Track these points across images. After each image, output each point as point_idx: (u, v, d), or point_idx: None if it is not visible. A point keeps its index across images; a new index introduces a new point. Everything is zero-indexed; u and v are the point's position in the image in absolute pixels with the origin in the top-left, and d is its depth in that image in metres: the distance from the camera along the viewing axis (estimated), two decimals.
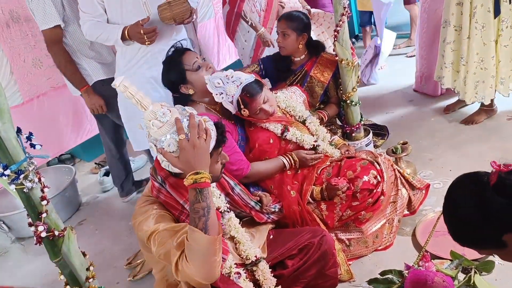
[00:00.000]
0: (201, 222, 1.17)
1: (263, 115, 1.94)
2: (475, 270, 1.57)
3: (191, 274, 1.17)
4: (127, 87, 1.16)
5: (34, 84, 2.92)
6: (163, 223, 1.30)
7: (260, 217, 1.72)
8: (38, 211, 1.11)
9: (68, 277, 1.20)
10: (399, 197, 1.99)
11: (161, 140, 1.20)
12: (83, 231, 2.80)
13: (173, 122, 1.20)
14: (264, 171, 1.94)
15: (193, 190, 1.18)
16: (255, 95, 1.87)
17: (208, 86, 1.86)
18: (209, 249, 1.16)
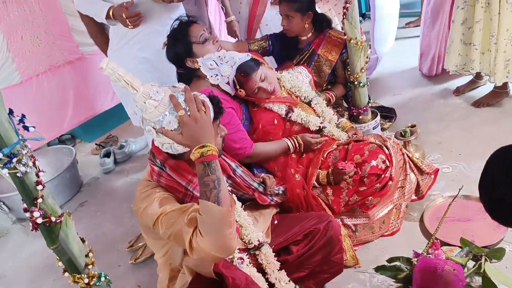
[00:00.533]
0: (213, 195, 1.14)
1: (262, 94, 1.87)
2: (486, 257, 1.53)
3: (207, 248, 1.14)
4: (114, 69, 1.10)
5: (33, 62, 2.84)
6: (169, 205, 1.26)
7: (263, 199, 1.67)
8: (33, 196, 1.07)
9: (66, 264, 1.17)
10: (407, 182, 1.93)
11: (160, 120, 1.17)
12: (84, 213, 2.77)
13: (168, 100, 1.17)
14: (268, 152, 1.88)
15: (201, 164, 1.15)
16: (250, 74, 1.80)
17: (202, 68, 1.79)
18: (224, 221, 1.14)
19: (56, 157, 3.14)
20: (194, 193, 1.35)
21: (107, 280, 1.26)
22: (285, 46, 2.42)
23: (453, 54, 2.59)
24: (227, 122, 1.76)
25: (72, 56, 3.07)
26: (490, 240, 1.70)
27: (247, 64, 1.81)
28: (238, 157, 1.82)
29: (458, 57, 2.58)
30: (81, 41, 3.06)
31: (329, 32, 2.38)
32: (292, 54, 2.40)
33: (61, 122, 3.09)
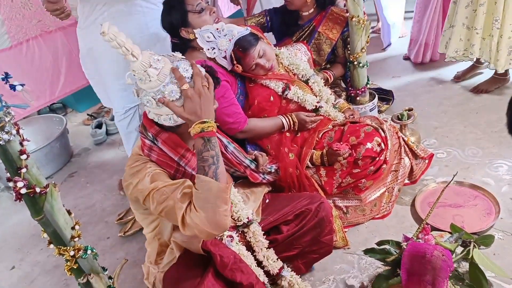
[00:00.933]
0: (211, 171, 1.14)
1: (259, 70, 1.82)
2: (474, 244, 1.53)
3: (201, 224, 1.13)
4: (116, 35, 1.05)
5: (23, 26, 2.73)
6: (161, 180, 1.24)
7: (254, 176, 1.65)
8: (16, 166, 1.02)
9: (51, 235, 1.14)
10: (401, 166, 1.92)
11: (161, 89, 1.14)
12: (74, 183, 2.74)
13: (169, 69, 1.14)
14: (262, 127, 1.85)
15: (201, 139, 1.16)
16: (248, 49, 1.74)
17: (199, 40, 1.73)
18: (220, 197, 1.13)
19: (47, 126, 3.09)
20: (186, 168, 1.32)
21: (94, 253, 1.24)
22: (285, 22, 2.33)
23: (454, 39, 2.52)
24: (221, 95, 1.72)
25: (65, 22, 2.95)
26: (480, 227, 1.70)
27: (246, 38, 1.75)
28: (231, 131, 1.78)
29: (460, 42, 2.51)
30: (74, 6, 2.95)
31: (331, 9, 2.29)
32: (292, 30, 2.32)
33: (52, 90, 3.01)
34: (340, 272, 1.68)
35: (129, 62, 1.12)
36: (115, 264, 1.42)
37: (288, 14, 2.31)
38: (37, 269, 2.09)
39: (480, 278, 1.41)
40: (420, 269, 1.35)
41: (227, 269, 1.29)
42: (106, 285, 1.29)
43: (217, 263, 1.28)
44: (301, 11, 2.29)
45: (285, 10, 2.32)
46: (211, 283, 1.27)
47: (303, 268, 1.62)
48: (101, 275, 1.29)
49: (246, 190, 1.66)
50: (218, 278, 1.30)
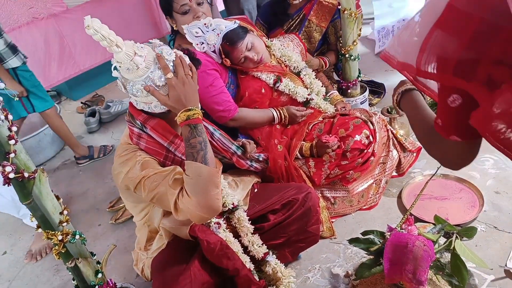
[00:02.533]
0: (200, 156, 1.17)
1: (249, 63, 1.83)
2: (457, 235, 1.57)
3: (194, 208, 1.15)
4: (98, 29, 1.06)
5: (15, 13, 2.74)
6: (151, 168, 1.25)
7: (241, 163, 1.67)
8: (5, 150, 1.04)
9: (40, 220, 1.16)
10: (389, 159, 1.95)
11: (149, 76, 1.15)
12: (67, 170, 2.76)
13: (153, 56, 1.16)
14: (253, 117, 1.87)
15: (187, 126, 1.18)
16: (236, 43, 1.75)
17: (187, 36, 1.75)
18: (211, 181, 1.16)
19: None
20: (176, 153, 1.34)
21: (82, 238, 1.26)
22: (274, 12, 2.34)
23: None
24: (209, 84, 1.73)
25: (56, 9, 2.96)
26: (463, 219, 1.74)
27: (234, 32, 1.76)
28: (222, 119, 1.80)
29: None
30: None
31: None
32: (282, 20, 2.32)
33: (44, 78, 3.01)
34: (326, 261, 1.71)
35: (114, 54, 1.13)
36: (105, 250, 1.43)
37: (277, 4, 2.32)
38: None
39: (460, 268, 1.44)
40: (401, 259, 1.38)
41: (214, 255, 1.32)
42: (94, 269, 1.32)
43: (204, 249, 1.31)
44: (292, 0, 2.29)
45: (274, 2, 2.33)
46: (197, 269, 1.30)
47: (290, 256, 1.65)
48: (89, 260, 1.31)
49: (235, 178, 1.69)
50: (204, 264, 1.33)
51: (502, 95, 0.62)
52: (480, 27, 0.64)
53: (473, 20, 0.64)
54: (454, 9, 0.67)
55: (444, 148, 0.85)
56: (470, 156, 0.84)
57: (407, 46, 0.78)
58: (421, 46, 0.72)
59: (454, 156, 0.85)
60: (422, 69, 0.73)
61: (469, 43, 0.65)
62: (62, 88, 3.72)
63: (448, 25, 0.68)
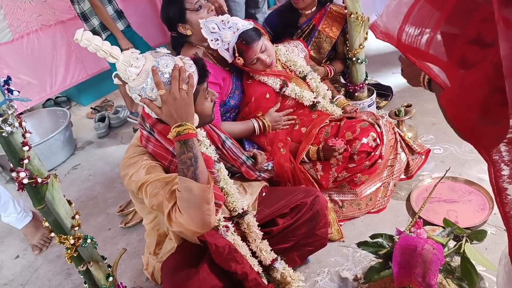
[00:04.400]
0: (190, 172, 1.16)
1: (259, 65, 1.84)
2: (467, 238, 1.56)
3: (186, 223, 1.17)
4: (90, 40, 1.08)
5: (24, 20, 2.80)
6: (154, 173, 1.27)
7: (250, 174, 1.68)
8: (19, 156, 1.07)
9: (52, 224, 1.18)
10: (397, 161, 1.94)
11: (144, 87, 1.16)
12: (77, 175, 2.79)
13: (150, 67, 1.16)
14: (232, 131, 1.84)
15: (178, 142, 1.17)
16: (251, 43, 1.76)
17: (203, 31, 1.75)
18: (202, 197, 1.16)
19: (51, 119, 3.14)
20: None
21: (93, 242, 1.28)
22: (286, 22, 2.32)
23: None
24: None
25: (64, 16, 3.01)
26: (473, 222, 1.73)
27: (250, 32, 1.77)
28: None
29: None
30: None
31: (330, 7, 2.30)
32: (291, 32, 2.31)
33: (52, 83, 3.07)
34: (335, 265, 1.71)
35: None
36: (115, 254, 1.45)
37: (288, 15, 2.30)
38: (40, 258, 2.14)
39: (470, 271, 1.44)
40: (410, 262, 1.38)
41: (222, 259, 1.33)
42: (106, 273, 1.34)
43: (213, 252, 1.32)
44: (305, 10, 2.28)
45: (284, 11, 2.32)
46: (207, 272, 1.31)
47: (298, 260, 1.65)
48: (101, 264, 1.33)
49: (244, 183, 1.70)
50: (213, 268, 1.34)
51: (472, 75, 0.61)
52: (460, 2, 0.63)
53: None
54: None
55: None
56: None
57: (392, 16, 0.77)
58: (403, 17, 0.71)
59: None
60: (402, 41, 0.72)
61: (449, 16, 0.65)
62: (72, 94, 3.78)
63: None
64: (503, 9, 0.53)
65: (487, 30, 0.60)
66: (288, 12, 2.30)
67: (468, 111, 0.63)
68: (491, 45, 0.59)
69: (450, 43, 0.65)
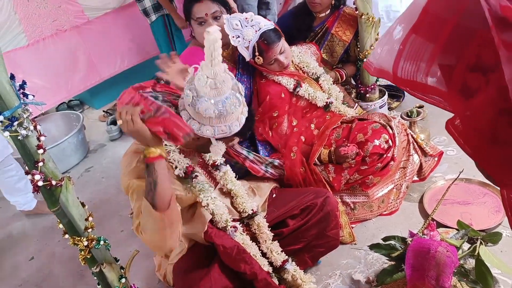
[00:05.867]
0: (150, 197, 1.16)
1: (276, 66, 1.85)
2: (481, 240, 1.53)
3: (145, 241, 1.21)
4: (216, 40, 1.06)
5: (39, 26, 2.85)
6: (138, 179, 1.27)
7: (255, 169, 1.68)
8: (34, 159, 1.08)
9: (66, 226, 1.20)
10: (409, 163, 1.92)
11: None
12: (90, 178, 2.83)
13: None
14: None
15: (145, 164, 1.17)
16: (272, 43, 1.77)
17: (226, 26, 1.76)
18: (157, 223, 1.17)
19: (64, 122, 3.19)
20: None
21: (106, 244, 1.29)
22: (299, 25, 2.29)
23: None
24: None
25: (78, 21, 3.07)
26: (488, 224, 1.70)
27: (271, 33, 1.77)
28: None
29: None
30: (86, 6, 3.04)
31: (343, 10, 2.28)
32: (305, 36, 2.29)
33: (67, 87, 3.12)
34: (347, 267, 1.70)
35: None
36: (128, 256, 1.46)
37: (302, 19, 2.28)
38: (55, 260, 2.17)
39: (485, 274, 1.41)
40: (424, 265, 1.37)
41: (231, 259, 1.33)
42: (118, 274, 1.35)
43: (221, 254, 1.33)
44: (318, 13, 2.27)
45: (298, 14, 2.30)
46: (218, 273, 1.32)
47: (310, 261, 1.65)
48: (114, 265, 1.34)
49: (253, 185, 1.70)
50: (224, 268, 1.35)
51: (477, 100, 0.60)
52: (455, 30, 0.62)
53: (448, 24, 0.63)
54: (429, 14, 0.66)
55: None
56: None
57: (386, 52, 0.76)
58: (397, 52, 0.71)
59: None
60: (398, 76, 0.71)
61: (444, 47, 0.64)
62: (84, 97, 3.83)
63: (423, 29, 0.67)
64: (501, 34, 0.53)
65: (486, 55, 0.60)
66: (303, 15, 2.29)
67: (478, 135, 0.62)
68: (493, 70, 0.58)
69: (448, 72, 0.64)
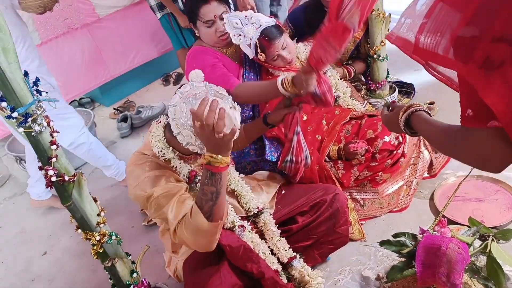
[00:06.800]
0: (207, 206, 1.15)
1: (280, 62, 1.84)
2: (493, 237, 1.52)
3: (188, 243, 1.21)
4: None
5: (51, 24, 2.88)
6: (159, 186, 1.25)
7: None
8: (47, 155, 1.10)
9: (79, 221, 1.21)
10: (420, 160, 1.91)
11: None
12: (101, 175, 2.84)
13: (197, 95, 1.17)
14: (252, 89, 1.72)
15: (206, 170, 1.14)
16: (273, 39, 1.76)
17: (226, 25, 1.77)
18: (209, 232, 1.18)
19: None
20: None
21: (118, 239, 1.31)
22: (310, 20, 2.29)
23: None
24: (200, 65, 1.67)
25: (89, 19, 3.10)
26: (500, 221, 1.69)
27: (272, 29, 1.77)
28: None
29: None
30: (97, 4, 3.07)
31: None
32: (315, 31, 2.28)
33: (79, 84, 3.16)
34: (356, 264, 1.70)
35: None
36: (138, 251, 1.48)
37: (314, 14, 2.26)
38: (67, 255, 2.20)
39: (497, 271, 1.41)
40: (435, 261, 1.36)
41: (237, 259, 1.34)
42: (130, 269, 1.37)
43: (228, 253, 1.33)
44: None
45: (310, 10, 2.28)
46: (227, 271, 1.32)
47: (319, 258, 1.65)
48: (125, 260, 1.36)
49: (260, 182, 1.70)
50: (233, 266, 1.35)
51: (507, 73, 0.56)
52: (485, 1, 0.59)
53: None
54: None
55: (480, 144, 0.71)
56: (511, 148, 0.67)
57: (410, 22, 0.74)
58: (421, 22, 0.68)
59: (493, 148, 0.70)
60: (420, 47, 0.69)
61: (471, 18, 0.61)
62: (95, 95, 3.86)
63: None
64: None
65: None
66: (315, 10, 2.27)
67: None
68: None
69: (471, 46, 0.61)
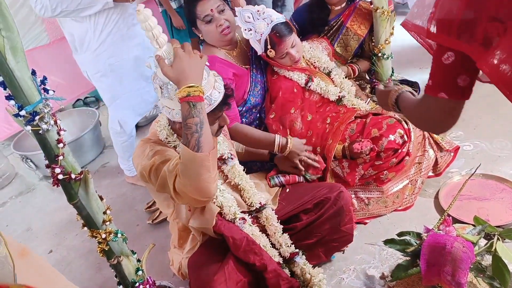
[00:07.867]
0: (194, 139, 1.13)
1: (288, 60, 1.85)
2: (498, 236, 1.51)
3: (188, 191, 1.16)
4: (147, 17, 1.13)
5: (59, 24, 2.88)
6: (158, 156, 1.29)
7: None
8: (54, 153, 1.11)
9: (85, 219, 1.22)
10: (425, 158, 1.91)
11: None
12: (106, 173, 2.87)
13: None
14: (246, 135, 1.79)
15: (186, 103, 1.13)
16: (284, 36, 1.77)
17: (237, 19, 1.77)
18: (202, 166, 1.14)
19: (80, 119, 3.24)
20: None
21: (124, 237, 1.32)
22: (314, 19, 2.28)
23: None
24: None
25: None
26: (505, 220, 1.68)
27: (284, 26, 1.78)
28: None
29: None
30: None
31: (359, 4, 2.25)
32: (320, 30, 2.27)
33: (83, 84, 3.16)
34: (361, 262, 1.70)
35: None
36: (144, 249, 1.49)
37: (318, 12, 2.26)
38: (73, 253, 2.22)
39: (502, 270, 1.40)
40: (439, 260, 1.36)
41: (240, 251, 1.34)
42: (135, 267, 1.38)
43: (231, 246, 1.34)
44: (334, 6, 2.25)
45: (313, 8, 2.28)
46: (232, 267, 1.33)
47: (323, 256, 1.64)
48: (130, 258, 1.37)
49: (263, 181, 1.71)
50: (238, 263, 1.36)
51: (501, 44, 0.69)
52: None
53: None
54: None
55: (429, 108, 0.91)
56: (452, 116, 0.89)
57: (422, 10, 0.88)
58: (431, 11, 0.80)
59: (437, 113, 0.90)
60: (431, 32, 0.80)
61: (468, 1, 0.72)
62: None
63: None
64: None
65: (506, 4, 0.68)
66: (318, 8, 2.26)
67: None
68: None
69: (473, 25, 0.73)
